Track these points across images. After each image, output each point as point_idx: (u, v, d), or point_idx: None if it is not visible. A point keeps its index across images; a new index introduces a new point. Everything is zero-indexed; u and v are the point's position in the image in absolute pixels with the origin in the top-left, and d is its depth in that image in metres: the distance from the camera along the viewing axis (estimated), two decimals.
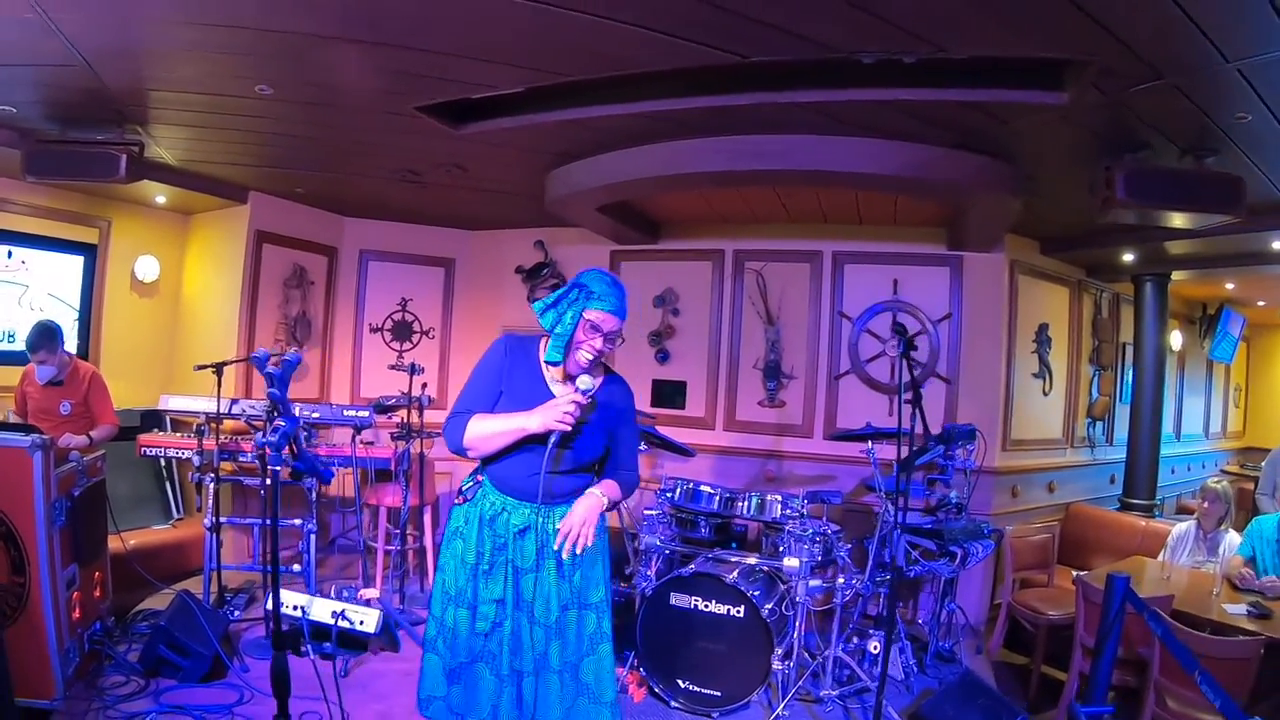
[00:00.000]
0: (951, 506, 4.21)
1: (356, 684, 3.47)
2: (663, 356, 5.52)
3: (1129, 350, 5.95)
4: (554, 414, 2.15)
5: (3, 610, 2.96)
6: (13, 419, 3.84)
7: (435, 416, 4.14)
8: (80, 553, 3.32)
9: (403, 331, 6.12)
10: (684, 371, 5.47)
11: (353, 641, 3.60)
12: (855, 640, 3.94)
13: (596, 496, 2.30)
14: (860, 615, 4.14)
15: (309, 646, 3.35)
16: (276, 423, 1.96)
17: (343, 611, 3.33)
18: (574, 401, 2.16)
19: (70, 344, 4.75)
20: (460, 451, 2.27)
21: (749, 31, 2.55)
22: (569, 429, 2.17)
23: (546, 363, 2.32)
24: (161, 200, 5.04)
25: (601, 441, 2.37)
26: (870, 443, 3.98)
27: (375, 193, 5.23)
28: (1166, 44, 2.37)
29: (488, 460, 2.31)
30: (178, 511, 4.81)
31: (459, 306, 6.27)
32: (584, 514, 2.26)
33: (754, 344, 5.27)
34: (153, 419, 4.82)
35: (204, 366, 3.99)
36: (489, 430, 2.22)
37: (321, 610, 3.52)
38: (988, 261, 4.78)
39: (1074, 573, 4.22)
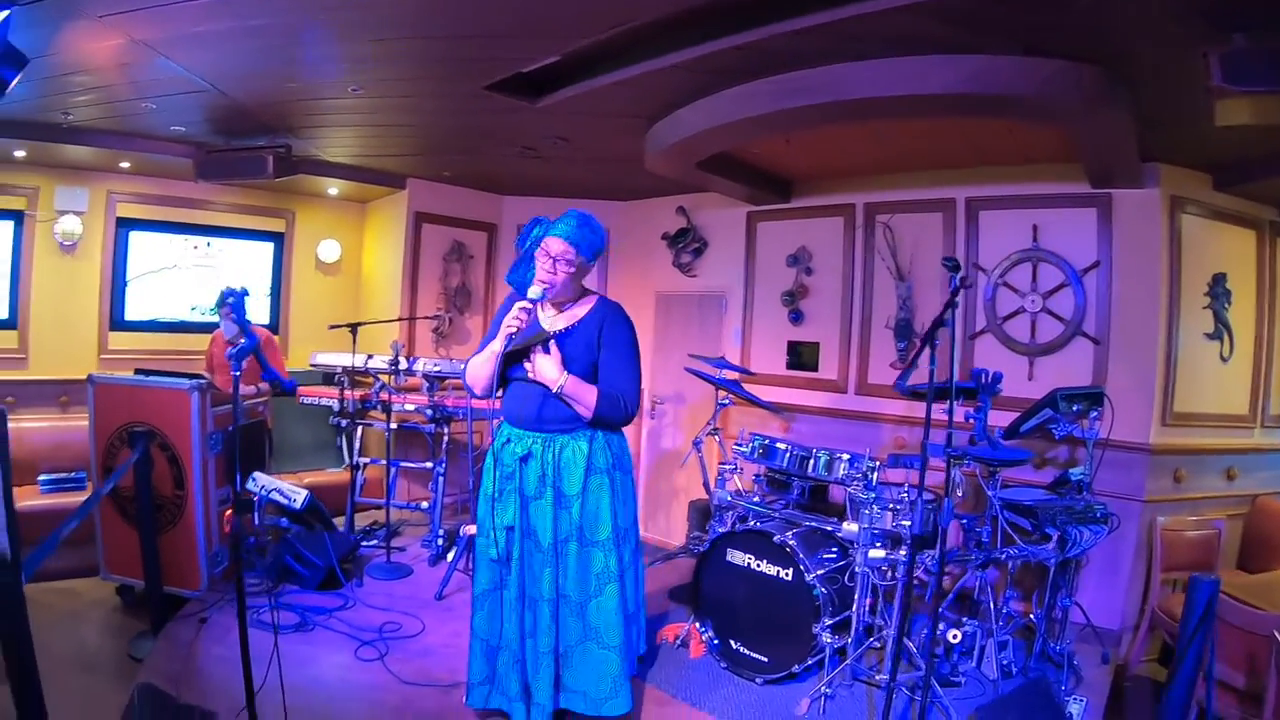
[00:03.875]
0: (1072, 484, 3.62)
1: (445, 608, 3.93)
2: (795, 316, 5.34)
3: None
4: (506, 326, 2.42)
5: (166, 516, 3.79)
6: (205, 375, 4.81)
7: None
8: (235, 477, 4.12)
9: None
10: (817, 333, 5.24)
11: (298, 519, 4.29)
12: (941, 626, 3.56)
13: (560, 368, 2.47)
14: (951, 598, 3.72)
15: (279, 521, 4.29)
16: (239, 340, 2.44)
17: (279, 488, 4.07)
18: (521, 308, 2.41)
19: (264, 316, 5.81)
20: (470, 389, 2.63)
21: None
22: (514, 329, 2.40)
23: (532, 300, 2.49)
24: (334, 192, 5.95)
25: (584, 358, 2.52)
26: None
27: (516, 171, 5.63)
28: None
29: (506, 402, 2.62)
30: (349, 458, 5.65)
31: (613, 274, 6.53)
32: (547, 358, 2.48)
33: (886, 302, 4.89)
34: (332, 377, 5.70)
35: (337, 326, 4.66)
36: (475, 362, 2.58)
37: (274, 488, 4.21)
38: (1140, 199, 3.94)
39: None
